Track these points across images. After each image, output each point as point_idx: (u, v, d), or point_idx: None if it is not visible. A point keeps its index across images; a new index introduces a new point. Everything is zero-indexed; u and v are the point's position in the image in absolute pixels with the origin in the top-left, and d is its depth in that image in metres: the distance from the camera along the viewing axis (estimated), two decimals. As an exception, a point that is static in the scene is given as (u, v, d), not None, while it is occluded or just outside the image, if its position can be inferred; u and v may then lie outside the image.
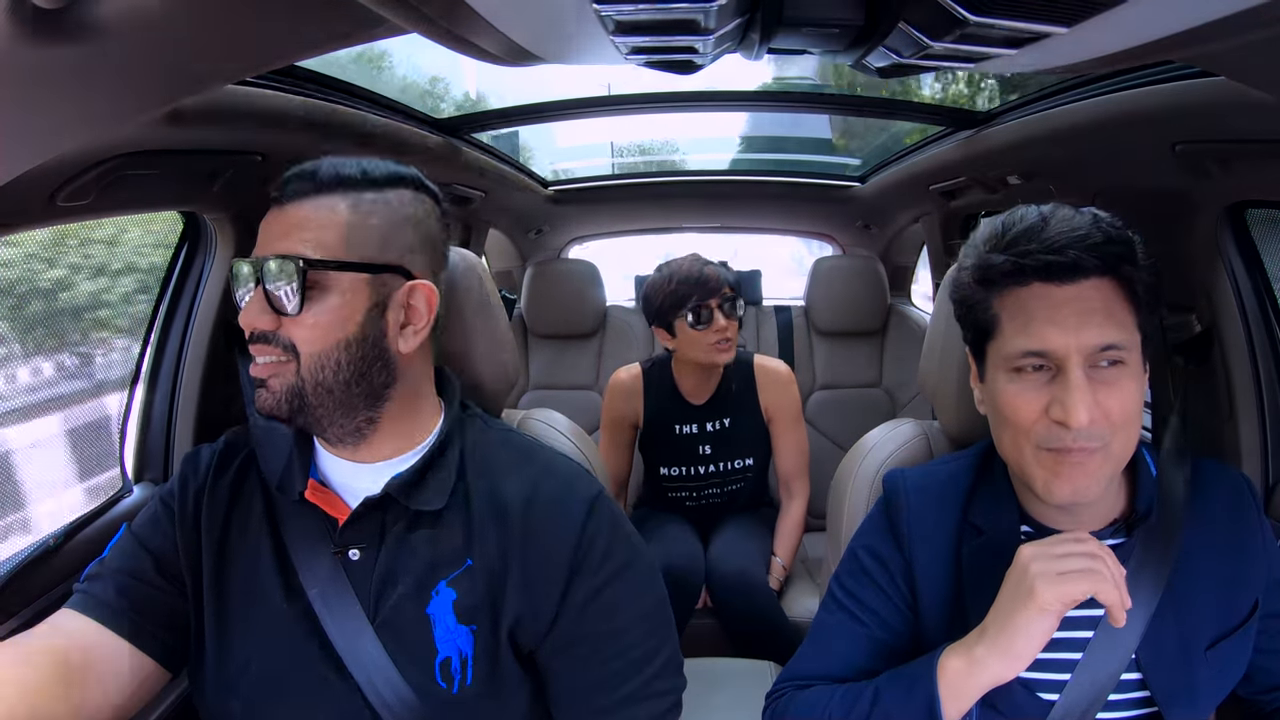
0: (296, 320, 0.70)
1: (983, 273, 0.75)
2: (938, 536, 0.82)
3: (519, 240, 2.69)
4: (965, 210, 2.03)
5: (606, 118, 2.01)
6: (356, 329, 0.72)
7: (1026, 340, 0.72)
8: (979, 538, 0.81)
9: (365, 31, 0.69)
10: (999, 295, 0.74)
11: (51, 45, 0.51)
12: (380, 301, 0.73)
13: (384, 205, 0.74)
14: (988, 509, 0.82)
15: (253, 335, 0.72)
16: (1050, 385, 0.71)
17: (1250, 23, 0.49)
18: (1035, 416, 0.72)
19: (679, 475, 1.82)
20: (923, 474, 0.87)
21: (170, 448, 1.20)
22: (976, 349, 0.79)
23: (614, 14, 0.56)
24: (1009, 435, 0.75)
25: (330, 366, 0.71)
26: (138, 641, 0.73)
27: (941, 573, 0.81)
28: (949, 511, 0.83)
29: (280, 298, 0.70)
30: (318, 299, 0.70)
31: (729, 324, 1.66)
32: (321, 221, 0.71)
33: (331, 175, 0.73)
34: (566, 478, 0.78)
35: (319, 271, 0.70)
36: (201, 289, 1.19)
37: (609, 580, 0.74)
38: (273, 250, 0.71)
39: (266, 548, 0.76)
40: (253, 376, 0.72)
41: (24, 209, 0.81)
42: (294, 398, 0.71)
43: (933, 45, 0.59)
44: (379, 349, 0.73)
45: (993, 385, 0.76)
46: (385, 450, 0.77)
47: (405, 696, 0.71)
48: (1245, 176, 0.99)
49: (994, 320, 0.75)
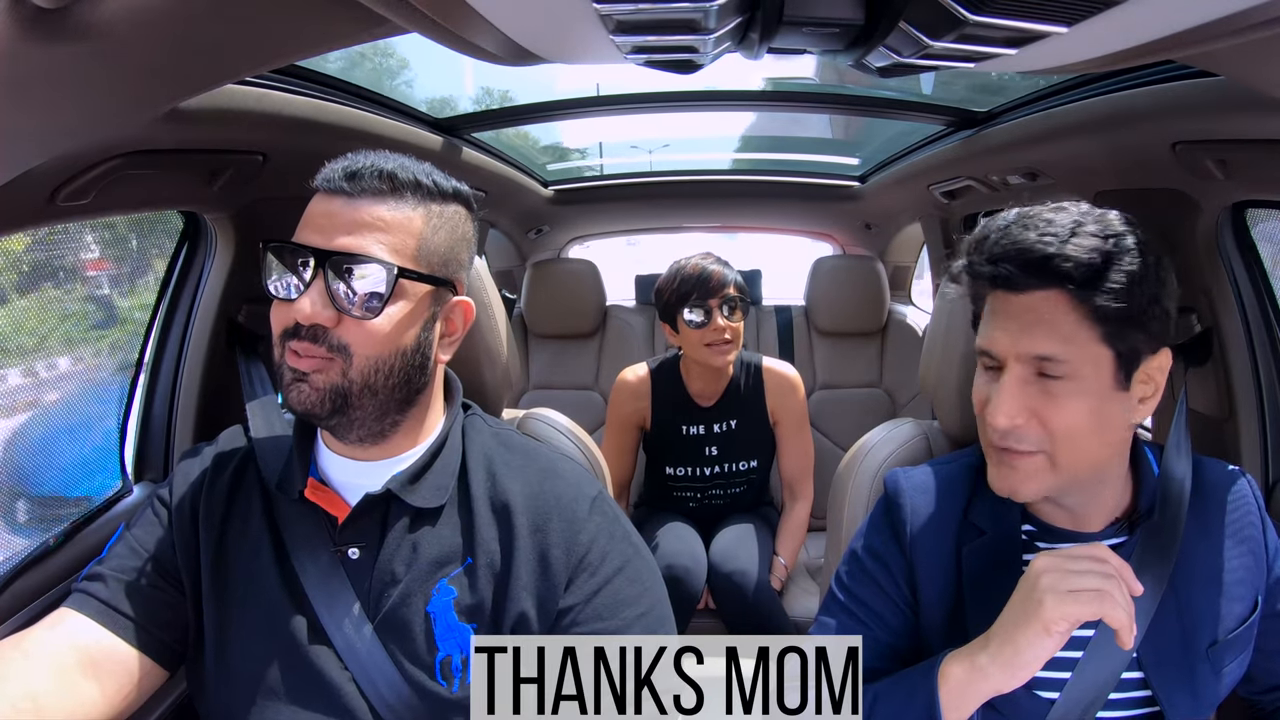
0: (361, 323, 0.69)
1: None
2: (938, 536, 0.82)
3: (519, 240, 2.68)
4: (965, 210, 2.03)
5: (606, 117, 2.01)
6: (413, 339, 0.72)
7: (980, 339, 0.77)
8: (979, 537, 0.81)
9: (365, 31, 0.69)
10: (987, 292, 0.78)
11: (51, 45, 0.51)
12: (435, 314, 0.74)
13: (450, 220, 0.75)
14: (989, 509, 0.82)
15: (297, 329, 0.69)
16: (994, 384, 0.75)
17: (1250, 23, 0.49)
18: (980, 408, 0.77)
19: (684, 476, 1.82)
20: (924, 473, 0.87)
21: (170, 448, 1.20)
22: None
23: (614, 13, 0.56)
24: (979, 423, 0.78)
25: (384, 372, 0.71)
26: (136, 641, 0.73)
27: (941, 573, 0.81)
28: (950, 511, 0.83)
29: (349, 297, 0.68)
30: (390, 305, 0.70)
31: (727, 325, 1.66)
32: (400, 226, 0.71)
33: (410, 179, 0.72)
34: (567, 477, 0.79)
35: (400, 280, 0.69)
36: (201, 289, 1.19)
37: (609, 579, 0.75)
38: (338, 244, 0.69)
39: (265, 546, 0.76)
40: (293, 367, 0.70)
41: (24, 209, 0.81)
42: (338, 397, 0.70)
43: (933, 45, 0.59)
44: (425, 358, 0.74)
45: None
46: (390, 449, 0.77)
47: (405, 695, 0.71)
48: (1245, 176, 0.99)
49: (979, 314, 0.79)
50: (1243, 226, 1.12)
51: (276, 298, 0.71)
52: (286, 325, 0.70)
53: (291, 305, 0.68)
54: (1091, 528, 0.80)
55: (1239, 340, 1.11)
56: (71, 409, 1.21)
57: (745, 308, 1.72)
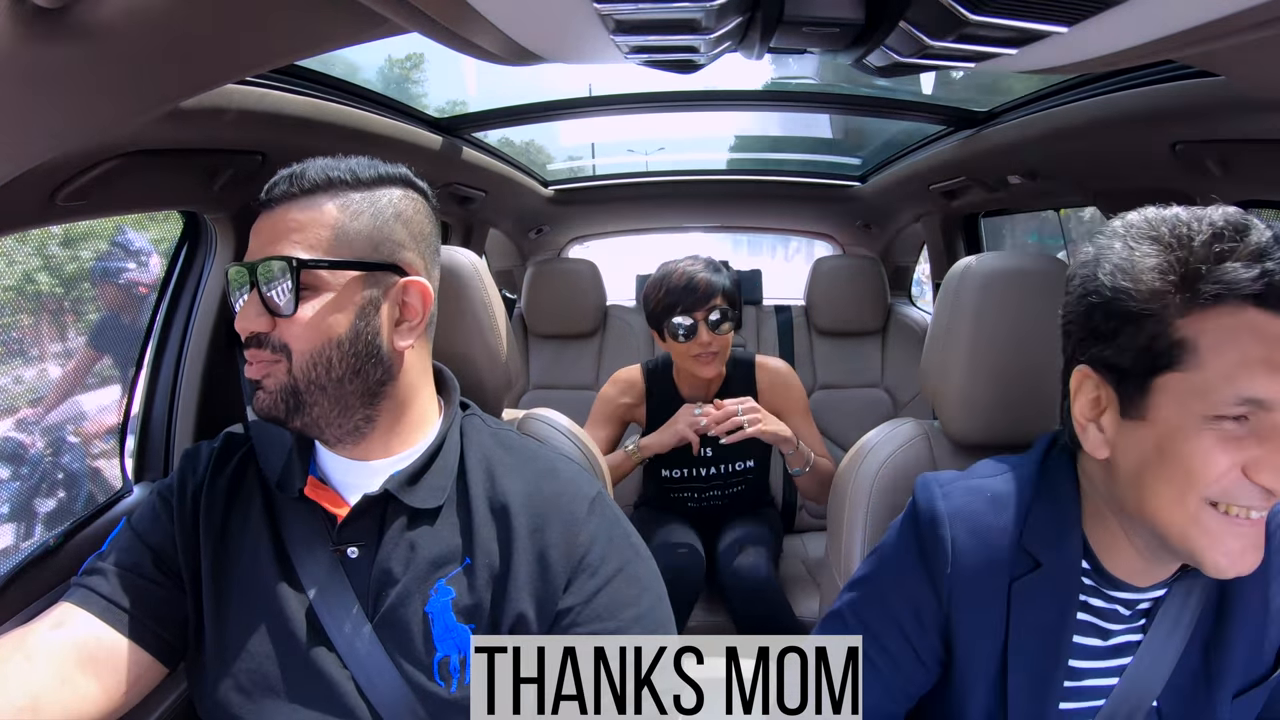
0: (290, 320, 0.71)
1: (1212, 287, 0.59)
2: (986, 570, 0.71)
3: (519, 240, 2.68)
4: (965, 210, 2.03)
5: (607, 117, 2.01)
6: (349, 327, 0.72)
7: (1249, 385, 0.57)
8: (1033, 571, 0.70)
9: (366, 31, 0.69)
10: (1198, 315, 0.59)
11: (51, 45, 0.51)
12: (373, 299, 0.74)
13: (372, 204, 0.75)
14: (1048, 535, 0.70)
15: (248, 339, 0.72)
16: (1250, 441, 0.58)
17: (1250, 23, 0.49)
18: (1224, 472, 0.59)
19: (681, 477, 1.82)
20: (966, 492, 0.73)
21: (170, 448, 1.20)
22: (1131, 378, 0.63)
23: (614, 13, 0.56)
24: (1175, 491, 0.61)
25: (322, 364, 0.71)
26: (135, 636, 0.73)
27: (986, 616, 0.71)
28: (1000, 538, 0.71)
29: (274, 299, 0.71)
30: (311, 298, 0.71)
31: (712, 339, 1.60)
32: (311, 222, 0.72)
33: (319, 177, 0.74)
34: (566, 478, 0.78)
35: (311, 271, 0.71)
36: (201, 289, 1.19)
37: (608, 580, 0.74)
38: (264, 254, 0.72)
39: (265, 545, 0.76)
40: (248, 379, 0.73)
41: (24, 209, 0.81)
42: (289, 397, 0.72)
43: (933, 44, 0.59)
44: (372, 346, 0.74)
45: (1167, 429, 0.61)
46: (385, 448, 0.77)
47: (403, 695, 0.71)
48: (1245, 176, 0.99)
49: (1180, 346, 0.60)
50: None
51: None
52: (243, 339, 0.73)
53: (236, 319, 0.73)
54: (1143, 583, 0.70)
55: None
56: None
57: (736, 320, 1.63)
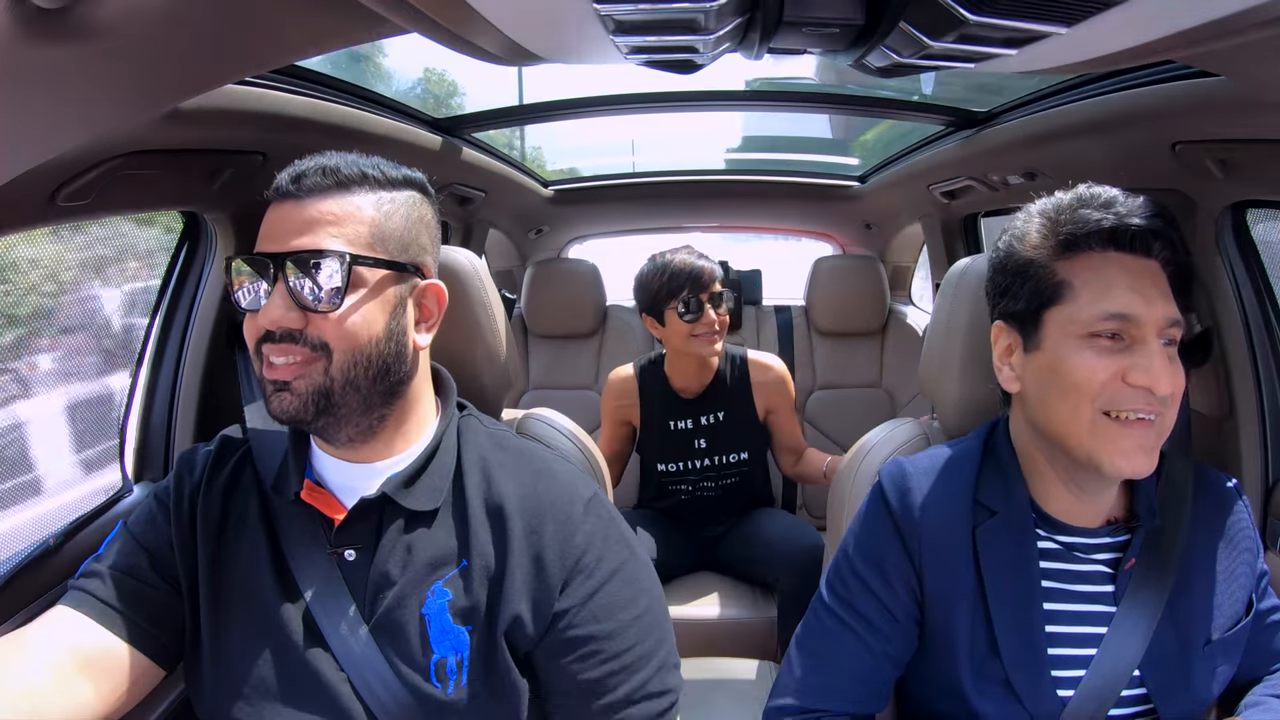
0: (328, 317, 0.69)
1: (1070, 229, 0.74)
2: (949, 520, 0.80)
3: (519, 240, 2.68)
4: (965, 210, 2.03)
5: (607, 117, 2.01)
6: (384, 326, 0.72)
7: (1109, 304, 0.71)
8: (991, 517, 0.80)
9: (366, 31, 0.69)
10: (1070, 259, 0.74)
11: (51, 45, 0.51)
12: (401, 299, 0.74)
13: (402, 205, 0.75)
14: (997, 489, 0.81)
15: (272, 335, 0.69)
16: (1125, 353, 0.72)
17: (1250, 23, 0.49)
18: (1106, 380, 0.71)
19: (675, 471, 1.85)
20: (927, 458, 0.85)
21: (170, 448, 1.20)
22: (1027, 319, 0.77)
23: (614, 13, 0.56)
24: (1069, 404, 0.73)
25: (362, 363, 0.71)
26: (132, 639, 0.73)
27: (954, 560, 0.79)
28: (959, 491, 0.81)
29: (309, 294, 0.68)
30: (351, 295, 0.70)
31: (718, 317, 1.71)
32: (348, 217, 0.71)
33: (353, 171, 0.72)
34: (563, 479, 0.78)
35: (355, 268, 0.70)
36: (201, 289, 1.19)
37: (605, 581, 0.74)
38: (292, 245, 0.69)
39: (262, 547, 0.76)
40: (272, 379, 0.70)
41: (24, 209, 0.81)
42: (321, 398, 0.70)
43: (932, 45, 0.59)
44: (401, 345, 0.74)
45: (1055, 352, 0.74)
46: (388, 448, 0.77)
47: (400, 698, 0.71)
48: (1245, 176, 0.99)
49: (1061, 286, 0.74)
50: (1243, 226, 1.12)
51: (246, 310, 0.71)
52: (259, 334, 0.70)
53: (259, 313, 0.69)
54: (1089, 523, 0.80)
55: (1239, 340, 1.11)
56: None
57: (733, 301, 1.79)
